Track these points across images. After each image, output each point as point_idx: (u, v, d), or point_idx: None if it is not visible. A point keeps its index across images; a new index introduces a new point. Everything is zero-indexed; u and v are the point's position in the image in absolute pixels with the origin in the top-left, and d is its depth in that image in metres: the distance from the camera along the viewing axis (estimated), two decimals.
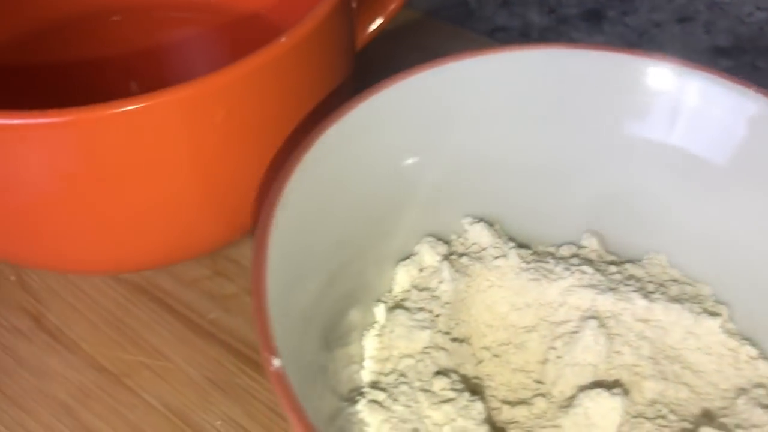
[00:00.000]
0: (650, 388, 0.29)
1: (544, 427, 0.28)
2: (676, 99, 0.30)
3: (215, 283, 0.37)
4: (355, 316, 0.30)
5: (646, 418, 0.28)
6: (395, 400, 0.26)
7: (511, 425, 0.29)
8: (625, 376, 0.29)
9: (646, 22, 0.57)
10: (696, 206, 0.31)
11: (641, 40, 0.56)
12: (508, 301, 0.32)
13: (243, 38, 0.44)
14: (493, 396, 0.30)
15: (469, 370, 0.30)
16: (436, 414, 0.26)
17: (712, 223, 0.31)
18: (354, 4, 0.36)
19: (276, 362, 0.21)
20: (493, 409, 0.29)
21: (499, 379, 0.30)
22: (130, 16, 0.46)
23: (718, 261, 0.32)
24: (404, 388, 0.27)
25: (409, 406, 0.26)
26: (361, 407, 0.26)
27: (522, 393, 0.30)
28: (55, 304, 0.36)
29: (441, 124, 0.31)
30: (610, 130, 0.32)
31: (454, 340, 0.30)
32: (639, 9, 0.58)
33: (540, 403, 0.29)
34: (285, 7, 0.44)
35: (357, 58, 0.38)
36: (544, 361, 0.30)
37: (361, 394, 0.27)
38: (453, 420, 0.26)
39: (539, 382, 0.30)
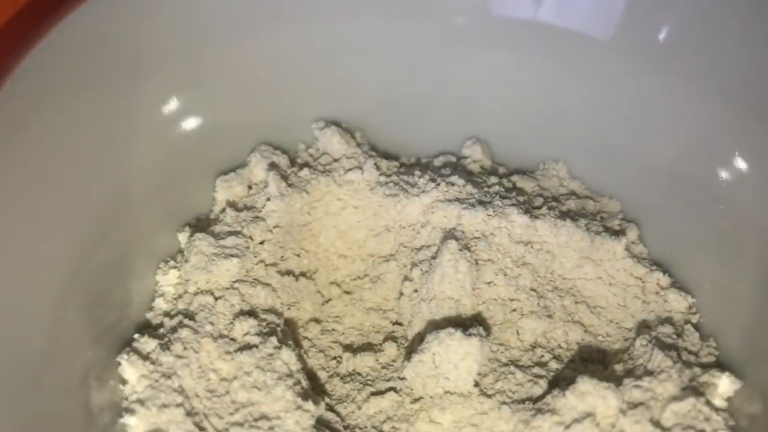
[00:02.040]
0: (530, 329, 0.23)
1: (388, 380, 0.22)
2: None
3: None
4: (160, 244, 0.24)
5: (520, 366, 0.22)
6: (167, 349, 0.20)
7: (347, 379, 0.22)
8: (498, 314, 0.23)
9: None
10: (591, 96, 0.25)
11: None
12: (365, 225, 0.25)
13: None
14: (336, 342, 0.24)
15: (308, 310, 0.24)
16: (226, 366, 0.20)
17: (611, 118, 0.25)
18: None
19: None
20: (332, 359, 0.23)
21: (348, 322, 0.24)
22: None
23: (625, 170, 0.25)
24: (186, 333, 0.20)
25: (183, 357, 0.20)
26: (121, 359, 0.20)
27: (374, 337, 0.24)
28: None
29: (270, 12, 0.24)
30: (478, 14, 0.25)
31: (288, 273, 0.24)
32: None
33: (390, 350, 0.23)
34: None
35: None
36: (400, 297, 0.24)
37: (132, 341, 0.20)
38: (247, 373, 0.20)
39: (397, 323, 0.24)
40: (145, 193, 0.23)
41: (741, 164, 0.23)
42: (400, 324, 0.24)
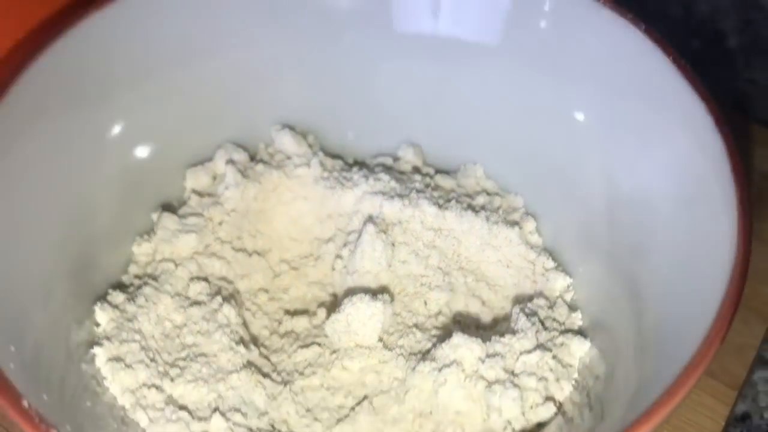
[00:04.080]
0: (435, 299, 0.28)
1: (315, 337, 0.27)
2: None
3: None
4: (139, 221, 0.29)
5: (422, 329, 0.27)
6: (132, 300, 0.25)
7: (284, 336, 0.27)
8: (409, 287, 0.28)
9: None
10: (493, 100, 0.30)
11: None
12: (312, 213, 0.30)
13: None
14: (280, 309, 0.29)
15: (259, 282, 0.29)
16: (179, 317, 0.25)
17: (513, 121, 0.29)
18: None
19: None
20: (275, 321, 0.28)
21: (294, 292, 0.29)
22: None
23: (527, 170, 0.30)
24: (148, 290, 0.25)
25: (144, 308, 0.25)
26: (96, 307, 0.25)
27: (312, 305, 0.29)
28: None
29: (237, 23, 0.29)
30: (383, 33, 0.30)
31: (242, 250, 0.29)
32: None
33: (321, 314, 0.28)
34: None
35: None
36: (333, 271, 0.29)
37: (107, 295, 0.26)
38: (194, 323, 0.25)
39: (333, 295, 0.29)
40: (128, 183, 0.28)
41: (617, 173, 0.28)
42: (336, 296, 0.29)
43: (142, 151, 0.29)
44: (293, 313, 0.28)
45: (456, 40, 0.29)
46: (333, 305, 0.29)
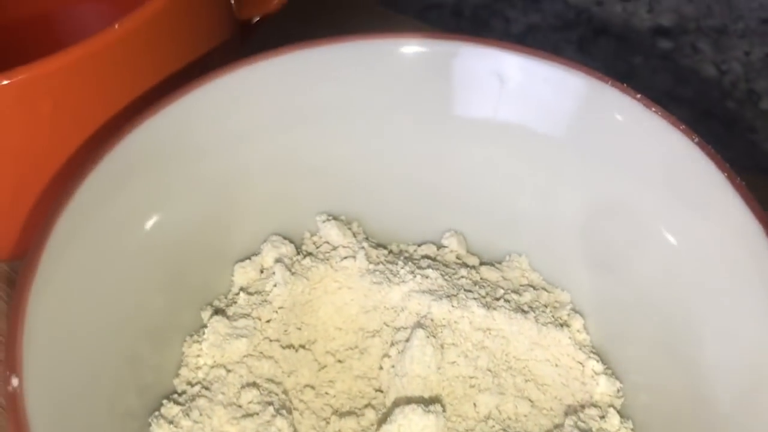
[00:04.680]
0: (485, 402, 0.27)
1: None
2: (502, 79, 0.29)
3: None
4: (187, 318, 0.29)
5: None
6: (187, 415, 0.25)
7: None
8: (459, 389, 0.28)
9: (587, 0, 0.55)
10: (549, 196, 0.29)
11: (579, 19, 0.53)
12: (357, 303, 0.30)
13: None
14: (327, 405, 0.29)
15: (306, 377, 0.29)
16: (233, 429, 0.25)
17: (563, 217, 0.29)
18: None
19: (15, 381, 0.20)
20: (322, 419, 0.28)
21: (339, 386, 0.29)
22: None
23: (575, 266, 0.30)
24: (202, 401, 0.25)
25: (199, 423, 0.25)
26: (151, 421, 0.25)
27: (359, 402, 0.29)
28: None
29: (280, 120, 0.29)
30: (450, 119, 0.30)
31: (289, 346, 0.29)
32: None
33: (369, 415, 0.28)
34: None
35: (265, 32, 0.36)
36: (381, 370, 0.29)
37: (160, 406, 0.26)
38: None
39: (379, 390, 0.29)
40: (174, 277, 0.29)
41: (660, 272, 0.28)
42: (381, 391, 0.29)
43: (187, 244, 0.29)
44: (341, 414, 0.28)
45: (515, 127, 0.29)
46: (380, 404, 0.29)
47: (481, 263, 0.31)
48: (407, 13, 0.52)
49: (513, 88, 0.28)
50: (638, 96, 0.27)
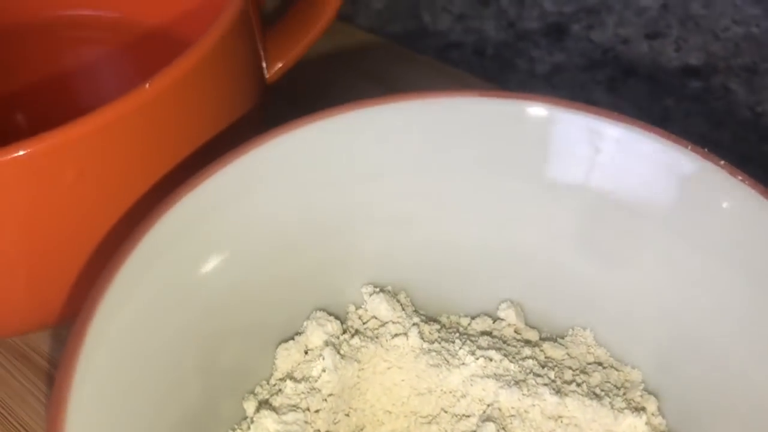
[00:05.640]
0: None
1: None
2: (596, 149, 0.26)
3: None
4: (226, 408, 0.26)
5: None
6: None
7: None
8: None
9: (613, 38, 0.53)
10: (625, 267, 0.27)
11: (606, 59, 0.52)
12: (409, 384, 0.28)
13: (153, 56, 0.39)
14: None
15: None
16: None
17: (638, 290, 0.27)
18: (258, 39, 0.32)
19: None
20: None
21: None
22: (31, 36, 0.42)
23: (649, 340, 0.28)
24: None
25: None
26: None
27: None
28: None
29: (325, 183, 0.27)
30: (526, 182, 0.28)
31: None
32: (606, 23, 0.53)
33: None
34: (191, 20, 0.39)
35: (290, 81, 0.34)
36: None
37: None
38: None
39: None
40: (210, 361, 0.26)
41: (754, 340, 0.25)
42: None
43: (227, 331, 0.26)
44: None
45: (599, 195, 0.27)
46: None
47: (541, 338, 0.29)
48: (427, 53, 0.50)
49: (605, 158, 0.26)
50: (746, 180, 0.25)
